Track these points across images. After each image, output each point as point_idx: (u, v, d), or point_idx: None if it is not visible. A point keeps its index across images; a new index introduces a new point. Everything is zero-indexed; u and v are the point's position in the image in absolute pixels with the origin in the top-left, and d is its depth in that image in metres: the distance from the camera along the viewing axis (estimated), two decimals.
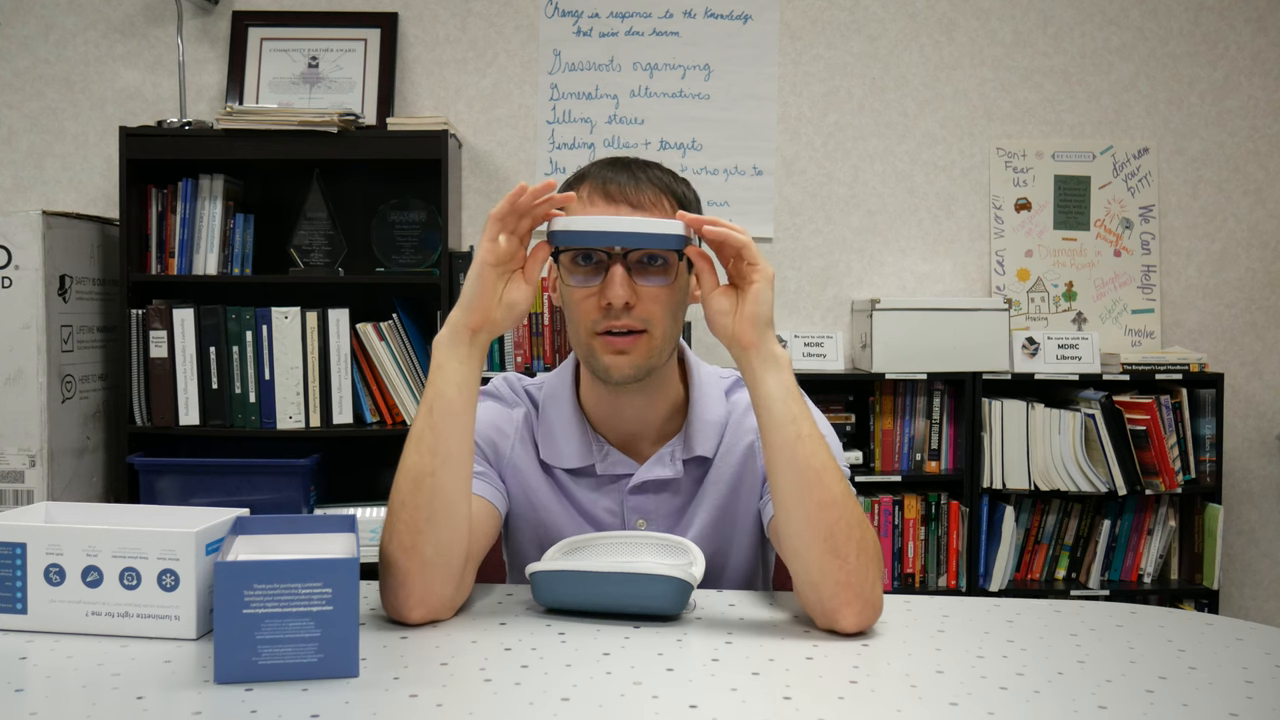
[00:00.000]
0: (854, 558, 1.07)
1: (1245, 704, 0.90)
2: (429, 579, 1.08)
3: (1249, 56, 2.96)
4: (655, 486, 1.30)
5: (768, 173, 2.94)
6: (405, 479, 1.11)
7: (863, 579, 1.07)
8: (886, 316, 2.72)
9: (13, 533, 1.03)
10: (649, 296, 1.19)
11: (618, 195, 1.21)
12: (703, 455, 1.29)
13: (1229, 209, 2.98)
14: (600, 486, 1.30)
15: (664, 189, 1.24)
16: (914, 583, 2.77)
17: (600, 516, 1.30)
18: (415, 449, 1.12)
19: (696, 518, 1.30)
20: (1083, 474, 2.68)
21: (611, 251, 1.17)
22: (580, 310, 1.21)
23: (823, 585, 1.08)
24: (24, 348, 2.41)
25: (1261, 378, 2.98)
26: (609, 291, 1.16)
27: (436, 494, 1.10)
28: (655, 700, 0.89)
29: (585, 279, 1.20)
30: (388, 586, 1.09)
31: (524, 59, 2.93)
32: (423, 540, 1.08)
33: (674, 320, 1.23)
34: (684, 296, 1.25)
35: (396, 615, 1.09)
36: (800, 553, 1.10)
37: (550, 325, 2.72)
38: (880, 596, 1.10)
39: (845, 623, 1.07)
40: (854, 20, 2.95)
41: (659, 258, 1.18)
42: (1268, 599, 2.99)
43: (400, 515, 1.10)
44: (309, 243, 2.70)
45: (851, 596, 1.07)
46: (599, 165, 1.26)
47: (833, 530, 1.08)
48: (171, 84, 2.85)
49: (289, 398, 2.62)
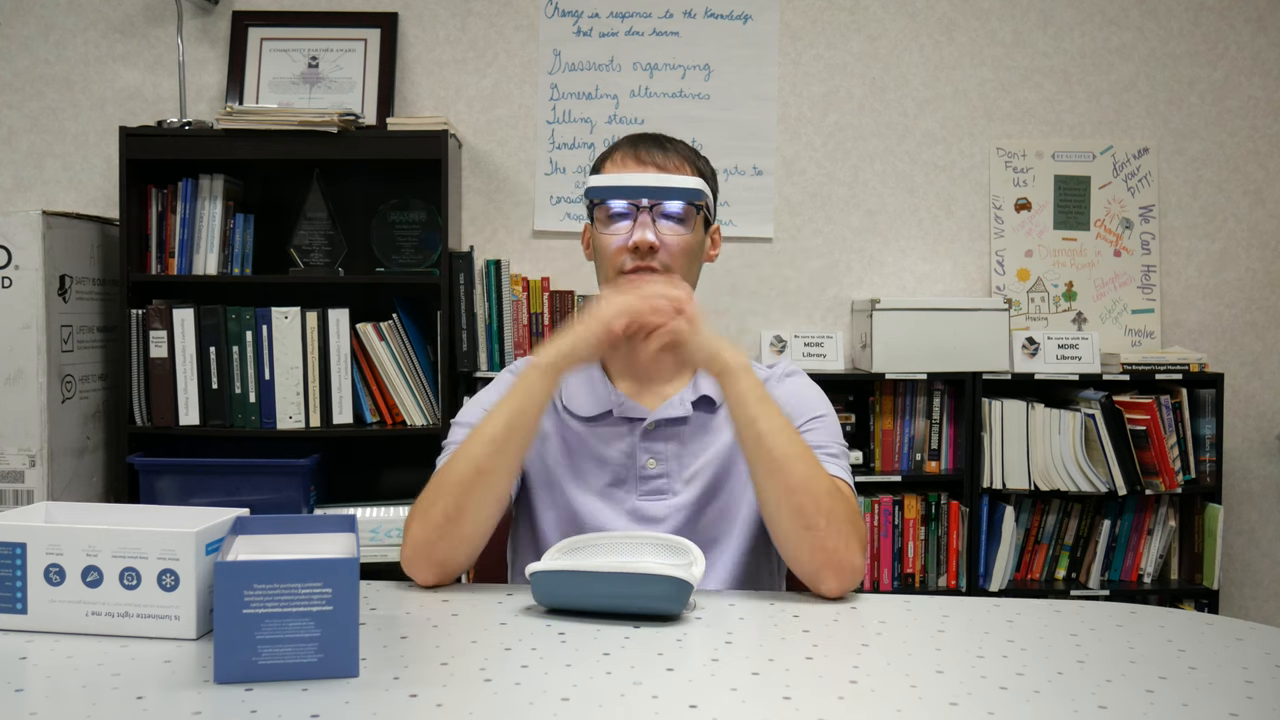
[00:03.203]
0: (824, 527, 1.21)
1: (1245, 704, 0.90)
2: (456, 549, 1.25)
3: (1249, 56, 2.97)
4: (666, 427, 1.40)
5: (768, 173, 2.94)
6: (469, 464, 1.25)
7: (835, 545, 1.21)
8: (886, 316, 2.72)
9: (13, 533, 1.03)
10: (670, 242, 1.37)
11: (646, 159, 1.40)
12: (709, 396, 1.41)
13: (1229, 209, 2.98)
14: (615, 430, 1.41)
15: (687, 159, 1.43)
16: (914, 583, 2.77)
17: (614, 458, 1.40)
18: (486, 446, 1.26)
19: (703, 462, 1.40)
20: (1083, 474, 2.68)
21: (639, 205, 1.36)
22: (610, 254, 1.38)
23: (801, 556, 1.23)
24: (24, 348, 2.41)
25: (1261, 378, 2.98)
26: (637, 234, 1.35)
27: (491, 488, 1.26)
28: (655, 700, 0.89)
29: (616, 229, 1.38)
30: (418, 542, 1.24)
31: (524, 59, 2.93)
32: (465, 519, 1.24)
33: (690, 266, 1.41)
34: (700, 250, 1.43)
35: (415, 571, 1.25)
36: (777, 532, 1.26)
37: (550, 326, 2.72)
38: (858, 561, 1.23)
39: (827, 586, 1.21)
40: (854, 20, 2.95)
41: (679, 211, 1.37)
42: (1268, 599, 2.99)
43: (452, 492, 1.25)
44: (309, 243, 2.70)
45: (826, 560, 1.21)
46: (630, 137, 1.45)
47: (801, 507, 1.22)
48: (171, 84, 2.85)
49: (289, 398, 2.62)
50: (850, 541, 1.22)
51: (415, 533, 1.25)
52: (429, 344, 2.72)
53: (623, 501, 1.38)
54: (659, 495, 1.38)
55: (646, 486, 1.38)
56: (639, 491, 1.38)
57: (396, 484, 2.84)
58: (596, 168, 1.45)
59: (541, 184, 2.93)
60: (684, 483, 1.38)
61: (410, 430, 2.62)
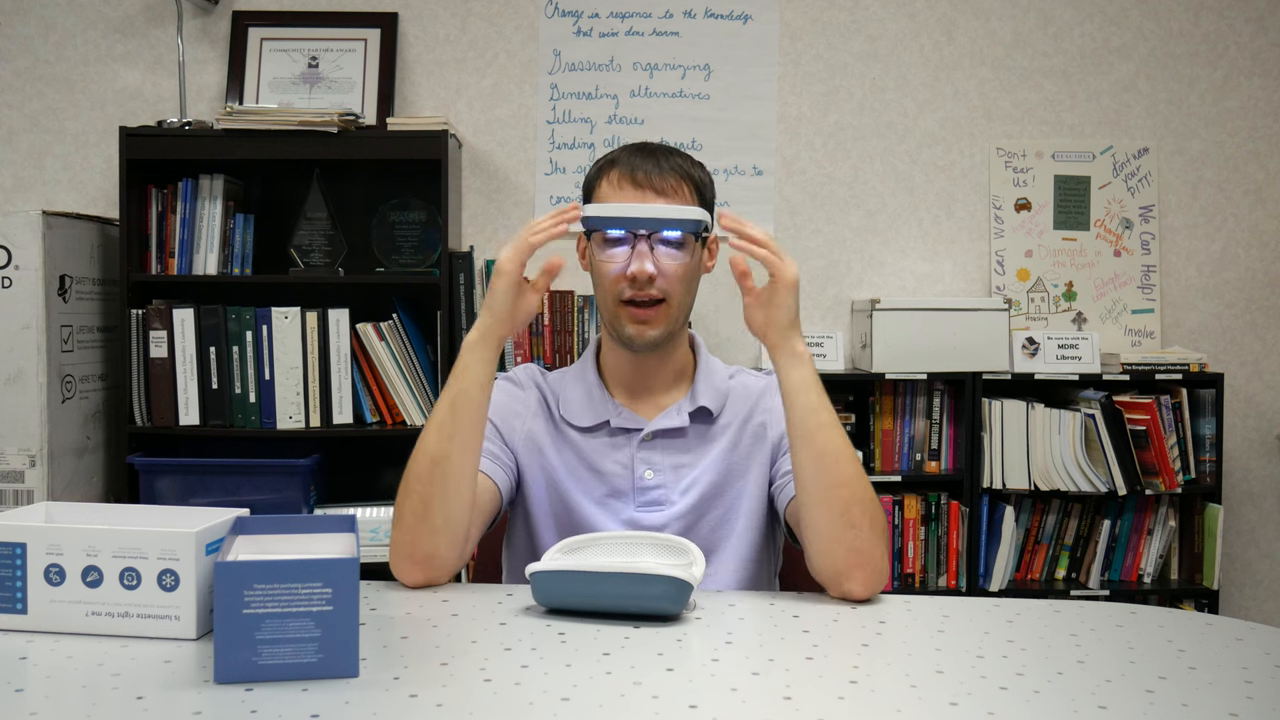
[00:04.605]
0: (866, 529, 1.22)
1: (1245, 704, 0.90)
2: (435, 542, 1.24)
3: (1249, 56, 2.96)
4: (663, 438, 1.41)
5: (768, 173, 2.94)
6: (424, 458, 1.26)
7: (872, 548, 1.22)
8: (886, 316, 2.72)
9: (13, 533, 1.03)
10: (668, 270, 1.35)
11: (643, 182, 1.36)
12: (706, 407, 1.42)
13: (1229, 209, 2.98)
14: (613, 441, 1.42)
15: (684, 176, 1.39)
16: (914, 583, 2.77)
17: (611, 469, 1.40)
18: (435, 434, 1.27)
19: (700, 472, 1.40)
20: (1083, 474, 2.68)
21: (637, 233, 1.33)
22: (609, 281, 1.37)
23: (836, 553, 1.22)
24: (24, 348, 2.41)
25: (1261, 378, 2.98)
26: (635, 265, 1.33)
27: (450, 474, 1.25)
28: (655, 700, 0.89)
29: (614, 255, 1.36)
30: (398, 544, 1.25)
31: (524, 59, 2.93)
32: (433, 510, 1.24)
33: (688, 290, 1.40)
34: (698, 270, 1.41)
35: (401, 572, 1.25)
36: (816, 525, 1.24)
37: (550, 325, 2.72)
38: (886, 568, 1.24)
39: (854, 586, 1.21)
40: (854, 20, 2.95)
41: (677, 238, 1.34)
42: (1268, 599, 2.99)
43: (415, 488, 1.26)
44: (309, 243, 2.70)
45: (862, 562, 1.21)
46: (626, 152, 1.41)
47: (847, 506, 1.22)
48: (171, 84, 2.85)
49: (289, 398, 2.62)
50: (883, 547, 1.24)
51: (394, 536, 1.27)
52: (429, 344, 2.72)
53: (620, 512, 1.38)
54: (656, 506, 1.38)
55: (644, 498, 1.38)
56: (636, 502, 1.38)
57: (396, 484, 2.81)
58: (590, 184, 1.41)
59: (541, 184, 2.93)
60: (681, 493, 1.39)
61: (410, 430, 2.62)
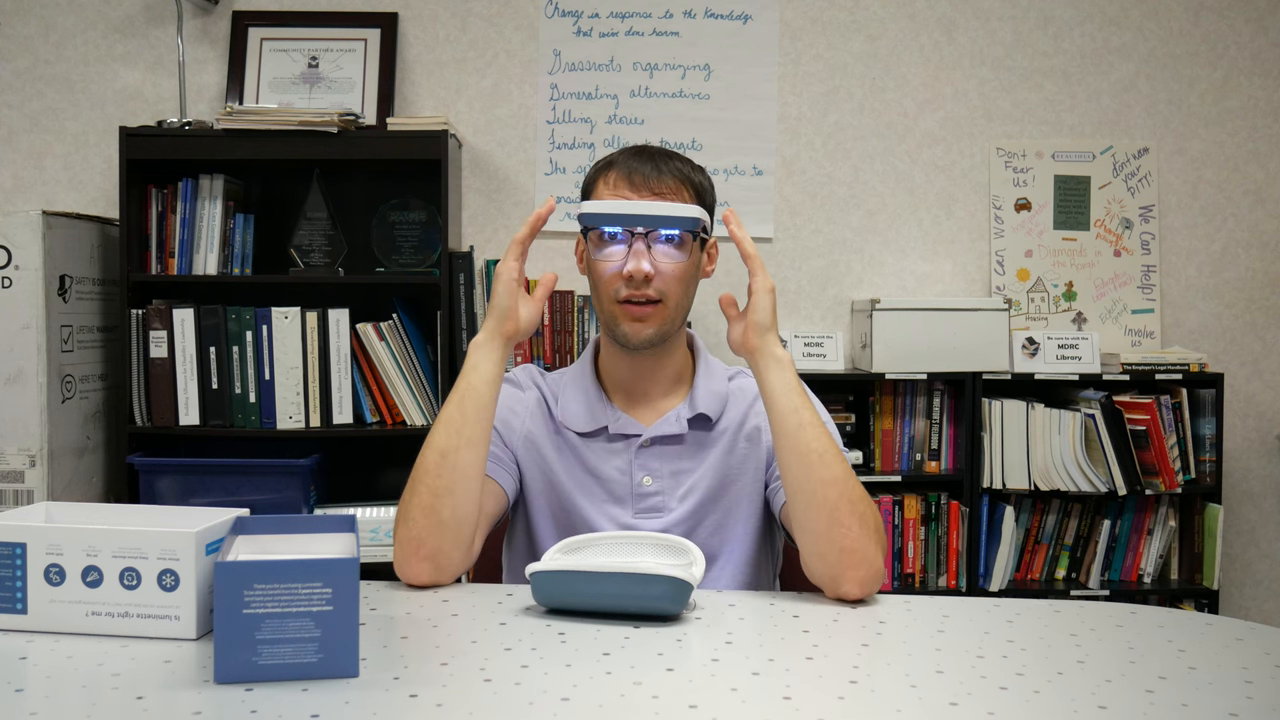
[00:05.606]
0: (856, 528, 1.19)
1: (1245, 704, 0.90)
2: (442, 539, 1.24)
3: (1249, 56, 2.96)
4: (661, 444, 1.40)
5: (768, 173, 2.94)
6: (432, 453, 1.27)
7: (864, 547, 1.19)
8: (886, 316, 2.72)
9: (13, 533, 1.03)
10: (665, 269, 1.34)
11: (641, 184, 1.35)
12: (705, 413, 1.41)
13: (1229, 209, 2.98)
14: (611, 447, 1.41)
15: (683, 179, 1.38)
16: (914, 583, 2.77)
17: (610, 475, 1.40)
18: (444, 430, 1.27)
19: (698, 478, 1.40)
20: (1083, 474, 2.68)
21: (634, 231, 1.32)
22: (605, 281, 1.36)
23: (828, 554, 1.20)
24: (24, 348, 2.41)
25: (1261, 378, 2.98)
26: (632, 264, 1.31)
27: (458, 469, 1.26)
28: (655, 700, 0.89)
29: (611, 254, 1.35)
30: (404, 541, 1.25)
31: (524, 59, 2.93)
32: (441, 504, 1.25)
33: (685, 291, 1.38)
34: (696, 271, 1.39)
35: (407, 570, 1.24)
36: (807, 527, 1.22)
37: (550, 325, 2.72)
38: (881, 566, 1.21)
39: (849, 587, 1.19)
40: (854, 20, 2.95)
41: (675, 236, 1.33)
42: (1268, 599, 2.99)
43: (424, 481, 1.26)
44: (309, 243, 2.70)
45: (855, 562, 1.19)
46: (625, 154, 1.39)
47: (835, 505, 1.20)
48: (171, 84, 2.85)
49: (289, 398, 2.62)
50: (876, 545, 1.21)
51: (400, 533, 1.26)
52: (429, 344, 2.72)
53: (618, 518, 1.39)
54: (655, 513, 1.39)
55: (642, 504, 1.39)
56: (635, 509, 1.39)
57: (396, 484, 2.80)
58: (588, 186, 1.41)
59: (541, 184, 2.92)
60: (679, 500, 1.39)
61: (410, 430, 2.62)
